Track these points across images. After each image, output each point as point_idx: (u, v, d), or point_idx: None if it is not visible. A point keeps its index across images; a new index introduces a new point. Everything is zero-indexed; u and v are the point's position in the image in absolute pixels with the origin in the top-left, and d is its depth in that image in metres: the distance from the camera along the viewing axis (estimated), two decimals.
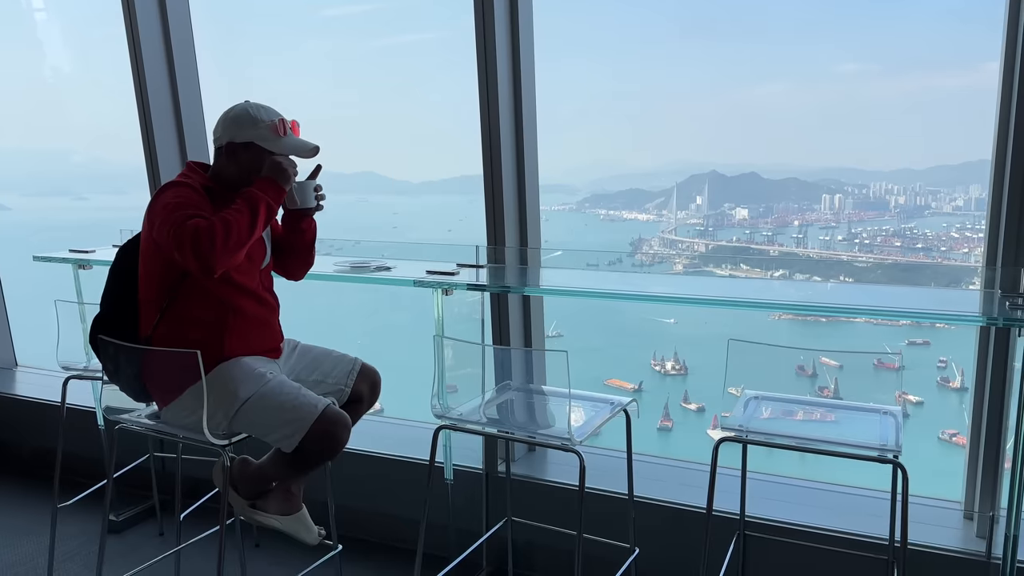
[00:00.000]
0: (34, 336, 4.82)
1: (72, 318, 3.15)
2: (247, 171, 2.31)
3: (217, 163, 2.36)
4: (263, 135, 2.30)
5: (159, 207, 2.19)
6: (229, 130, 2.31)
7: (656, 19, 24.38)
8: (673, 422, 10.40)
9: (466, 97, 3.20)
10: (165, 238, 2.13)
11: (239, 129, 2.30)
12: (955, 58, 19.94)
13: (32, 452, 4.30)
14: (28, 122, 18.62)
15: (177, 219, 2.11)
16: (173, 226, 2.11)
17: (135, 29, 3.72)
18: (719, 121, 21.46)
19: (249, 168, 2.31)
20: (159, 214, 2.17)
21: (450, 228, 12.88)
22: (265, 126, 2.30)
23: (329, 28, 29.56)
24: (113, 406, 2.49)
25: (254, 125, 2.29)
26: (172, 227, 2.11)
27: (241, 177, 2.32)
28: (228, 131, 2.31)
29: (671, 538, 2.92)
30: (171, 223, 2.12)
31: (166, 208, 2.16)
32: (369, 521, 3.40)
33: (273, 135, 2.30)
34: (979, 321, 2.47)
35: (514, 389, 2.75)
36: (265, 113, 2.32)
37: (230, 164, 2.33)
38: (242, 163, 2.32)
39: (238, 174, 2.33)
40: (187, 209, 2.15)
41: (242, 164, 2.32)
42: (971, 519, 2.73)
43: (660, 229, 13.43)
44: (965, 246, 10.64)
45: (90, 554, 3.35)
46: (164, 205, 2.18)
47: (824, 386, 2.85)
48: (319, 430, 2.19)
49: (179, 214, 2.13)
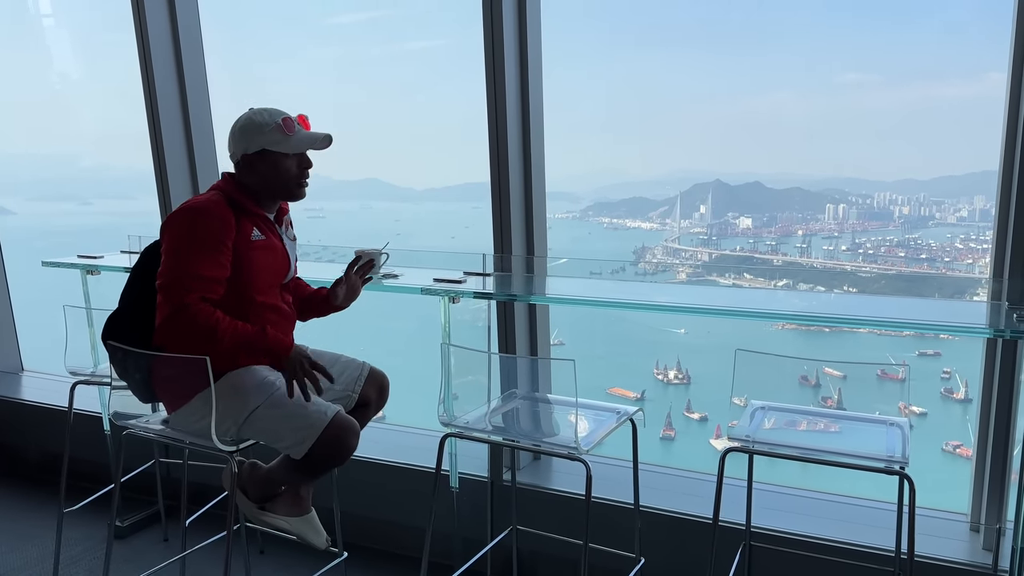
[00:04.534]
0: (40, 340, 4.83)
1: (80, 323, 3.16)
2: (270, 179, 2.31)
3: (240, 176, 2.34)
4: (273, 139, 2.28)
5: (177, 234, 2.20)
6: (240, 143, 2.30)
7: (659, 29, 24.43)
8: (676, 431, 10.37)
9: (471, 105, 3.21)
10: (164, 278, 2.16)
11: (248, 139, 2.29)
12: (958, 68, 19.95)
13: (38, 457, 4.31)
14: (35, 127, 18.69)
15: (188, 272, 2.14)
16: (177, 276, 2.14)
17: (145, 34, 3.74)
18: (722, 130, 21.47)
19: (269, 175, 2.30)
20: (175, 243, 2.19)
21: (453, 235, 12.88)
22: (272, 129, 2.28)
23: (337, 35, 29.67)
24: (120, 411, 2.49)
25: (261, 131, 2.28)
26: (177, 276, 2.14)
27: (267, 186, 2.32)
28: (239, 144, 2.30)
29: (677, 548, 2.92)
30: (180, 272, 2.14)
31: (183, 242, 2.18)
32: (374, 529, 3.40)
33: (282, 136, 2.28)
34: (986, 333, 2.47)
35: (520, 397, 2.76)
36: (269, 116, 2.29)
37: (252, 175, 2.31)
38: (261, 172, 2.30)
39: (262, 183, 2.32)
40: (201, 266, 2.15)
41: (262, 173, 2.31)
42: (977, 531, 2.73)
43: (663, 238, 13.42)
44: (969, 257, 10.62)
45: (95, 559, 3.35)
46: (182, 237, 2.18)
47: (828, 396, 2.85)
48: (329, 437, 2.19)
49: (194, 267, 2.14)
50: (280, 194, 2.36)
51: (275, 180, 2.31)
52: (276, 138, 2.28)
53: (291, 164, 2.31)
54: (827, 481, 3.09)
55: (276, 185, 2.32)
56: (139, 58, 3.80)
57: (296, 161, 2.32)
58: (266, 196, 2.34)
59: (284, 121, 2.29)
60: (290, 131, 2.29)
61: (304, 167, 2.35)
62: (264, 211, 2.35)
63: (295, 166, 2.32)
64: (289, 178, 2.32)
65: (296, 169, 2.33)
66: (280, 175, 2.30)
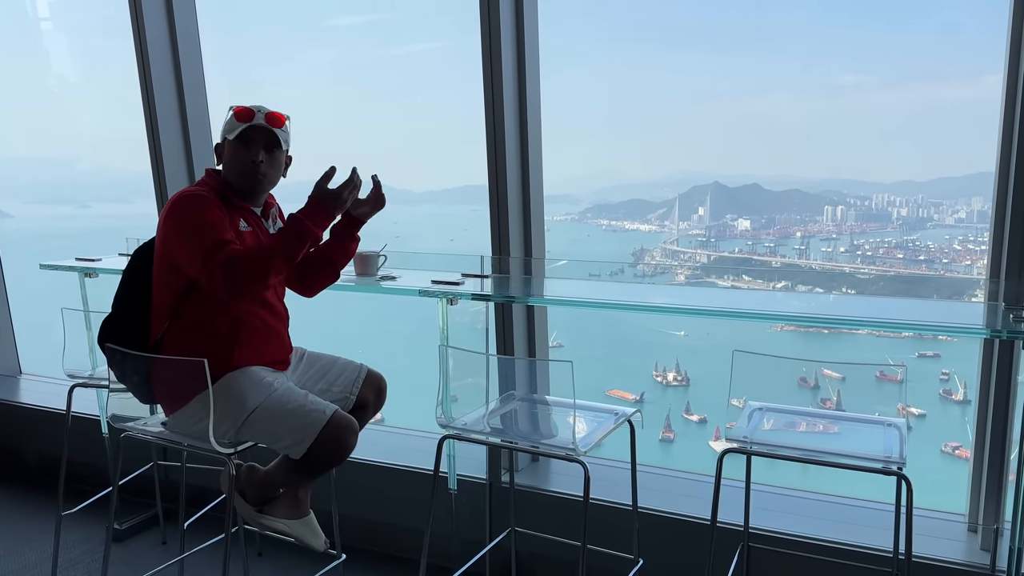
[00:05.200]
0: (38, 343, 4.83)
1: (78, 326, 3.16)
2: (228, 168, 2.33)
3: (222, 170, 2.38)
4: (228, 127, 2.32)
5: (183, 222, 2.20)
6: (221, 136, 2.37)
7: (657, 30, 24.46)
8: (675, 433, 10.37)
9: (468, 107, 3.21)
10: (196, 266, 2.14)
11: (223, 132, 2.34)
12: (956, 70, 19.98)
13: (37, 459, 4.30)
14: (34, 131, 18.68)
15: (207, 244, 2.12)
16: (203, 252, 2.12)
17: (143, 37, 3.75)
18: (720, 132, 21.50)
19: (227, 164, 2.33)
20: (184, 230, 2.19)
21: (452, 238, 12.87)
22: (229, 118, 2.32)
23: (334, 37, 29.69)
24: (118, 414, 2.49)
25: (225, 123, 2.33)
26: (203, 253, 2.12)
27: (230, 176, 2.33)
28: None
29: (675, 549, 2.92)
30: (202, 249, 2.12)
31: (191, 227, 2.17)
32: (372, 531, 3.40)
33: (235, 124, 2.30)
34: (983, 334, 2.48)
35: (518, 399, 2.76)
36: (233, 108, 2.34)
37: (223, 167, 2.36)
38: (225, 162, 2.35)
39: (227, 174, 2.34)
40: (214, 233, 2.15)
41: (225, 163, 2.35)
42: (975, 532, 2.73)
43: (662, 240, 13.43)
44: (968, 258, 10.63)
45: (93, 562, 3.35)
46: (189, 223, 2.18)
47: (826, 398, 2.85)
48: (327, 436, 2.20)
49: (209, 238, 2.13)
50: (239, 183, 2.34)
51: (230, 169, 2.33)
52: (230, 126, 2.32)
53: (238, 152, 2.31)
54: (825, 482, 3.09)
55: (232, 174, 2.33)
56: (137, 62, 3.81)
57: (242, 149, 2.30)
58: (236, 188, 2.34)
59: (235, 110, 2.32)
60: (241, 119, 2.30)
61: (249, 157, 2.30)
62: (248, 204, 2.37)
63: (240, 155, 2.31)
64: (241, 167, 2.31)
65: (241, 158, 2.31)
66: (233, 163, 2.32)
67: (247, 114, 2.30)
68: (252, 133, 2.30)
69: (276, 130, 2.32)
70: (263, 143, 2.31)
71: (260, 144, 2.31)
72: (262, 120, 2.30)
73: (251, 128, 2.30)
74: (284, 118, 2.35)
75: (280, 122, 2.33)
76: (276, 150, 2.34)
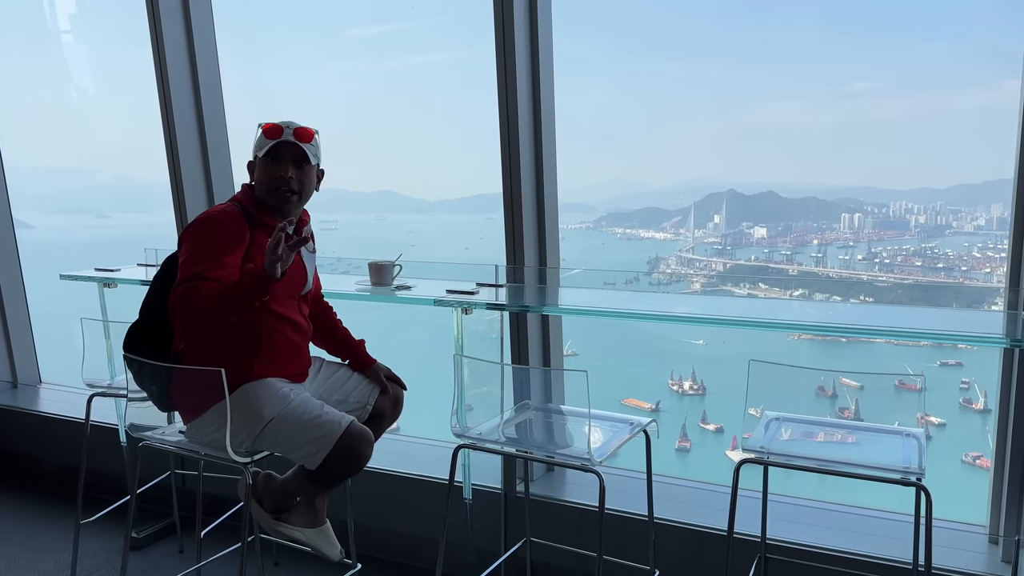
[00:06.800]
0: (58, 353, 4.88)
1: (97, 336, 3.19)
2: (259, 185, 2.35)
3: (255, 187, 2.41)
4: (258, 145, 2.34)
5: (192, 239, 2.22)
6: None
7: (671, 38, 24.47)
8: (691, 443, 10.31)
9: (483, 116, 3.22)
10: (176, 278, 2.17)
11: (253, 150, 2.36)
12: (973, 76, 19.82)
13: (55, 468, 4.34)
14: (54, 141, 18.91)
15: (191, 268, 2.14)
16: (184, 271, 2.15)
17: (161, 48, 3.79)
18: (736, 140, 21.43)
19: (258, 182, 2.35)
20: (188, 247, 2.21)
21: (467, 247, 12.90)
22: (259, 136, 2.34)
23: (353, 47, 29.88)
24: (137, 423, 2.52)
25: (257, 140, 2.35)
26: (183, 271, 2.15)
27: (260, 190, 2.35)
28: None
29: (691, 560, 2.90)
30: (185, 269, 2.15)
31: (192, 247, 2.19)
32: (388, 540, 3.40)
33: (263, 141, 2.32)
34: (1003, 343, 2.44)
35: (533, 408, 2.76)
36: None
37: (255, 182, 2.38)
38: (255, 177, 2.37)
39: (258, 189, 2.36)
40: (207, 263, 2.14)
41: (256, 180, 2.36)
42: (996, 543, 2.70)
43: (677, 248, 13.38)
44: (987, 266, 10.52)
45: (111, 570, 3.37)
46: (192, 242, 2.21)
47: (845, 407, 2.83)
48: (343, 446, 2.21)
49: (198, 265, 2.14)
50: (269, 199, 2.35)
51: (261, 185, 2.34)
52: (260, 143, 2.33)
53: (268, 169, 2.32)
54: (844, 493, 3.06)
55: (263, 190, 2.34)
56: (155, 72, 3.86)
57: (271, 166, 2.32)
58: (267, 204, 2.36)
59: (264, 127, 2.33)
60: (269, 136, 2.32)
61: (278, 173, 2.31)
62: (277, 222, 2.37)
63: (270, 171, 2.32)
64: (271, 183, 2.32)
65: (271, 175, 2.32)
66: (263, 180, 2.33)
67: (275, 131, 2.32)
68: (281, 149, 2.31)
69: (305, 145, 2.32)
70: (292, 159, 2.32)
71: (289, 160, 2.31)
72: (290, 136, 2.31)
73: (279, 144, 2.31)
74: (313, 132, 2.36)
75: (309, 137, 2.34)
76: (306, 165, 2.34)
